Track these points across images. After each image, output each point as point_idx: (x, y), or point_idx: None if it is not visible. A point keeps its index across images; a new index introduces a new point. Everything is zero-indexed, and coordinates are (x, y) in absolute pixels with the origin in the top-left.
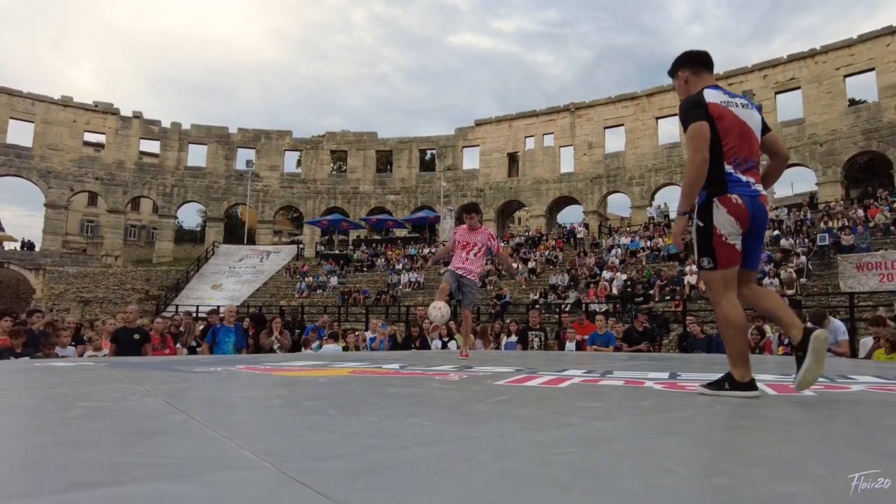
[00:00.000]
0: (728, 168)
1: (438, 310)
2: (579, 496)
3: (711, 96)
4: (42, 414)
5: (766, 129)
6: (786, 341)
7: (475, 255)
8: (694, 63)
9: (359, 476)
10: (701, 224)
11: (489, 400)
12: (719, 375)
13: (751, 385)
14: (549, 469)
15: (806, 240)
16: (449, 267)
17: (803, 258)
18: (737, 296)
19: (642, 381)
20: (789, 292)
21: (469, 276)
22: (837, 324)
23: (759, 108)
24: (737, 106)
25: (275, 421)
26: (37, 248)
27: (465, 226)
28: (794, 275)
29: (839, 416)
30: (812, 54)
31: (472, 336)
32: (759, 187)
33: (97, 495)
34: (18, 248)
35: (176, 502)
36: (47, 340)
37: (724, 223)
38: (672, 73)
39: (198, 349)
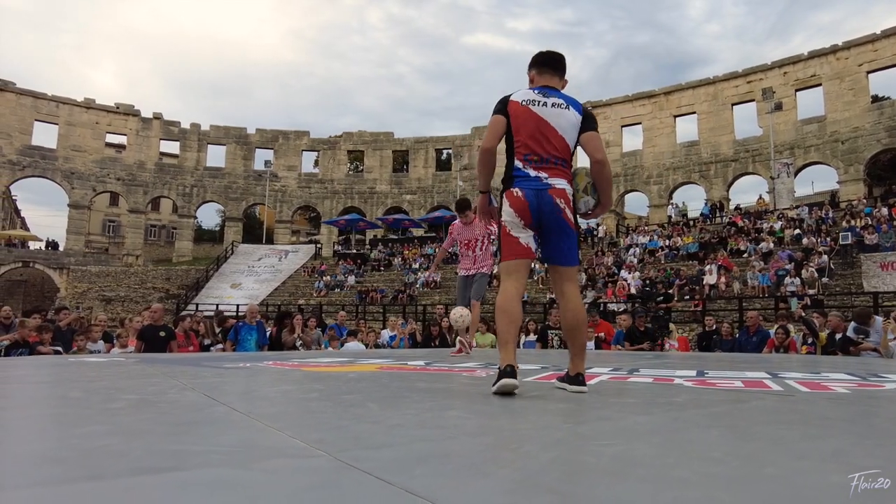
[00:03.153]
0: (518, 163)
1: (460, 316)
2: (634, 483)
3: (518, 95)
4: (89, 405)
5: (585, 129)
6: (809, 340)
7: (482, 249)
8: (538, 64)
9: (413, 464)
10: (501, 220)
11: (522, 395)
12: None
13: (505, 372)
14: (598, 459)
15: (828, 239)
16: (459, 271)
17: (825, 257)
18: (557, 297)
19: (671, 378)
20: (811, 291)
21: (481, 270)
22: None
23: (581, 109)
24: (542, 105)
25: (316, 413)
26: (60, 248)
27: (458, 222)
28: (816, 274)
29: (878, 413)
30: (834, 50)
31: (478, 330)
32: (555, 182)
33: (164, 479)
34: (43, 248)
35: (241, 486)
36: (77, 335)
37: (507, 215)
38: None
39: (211, 348)
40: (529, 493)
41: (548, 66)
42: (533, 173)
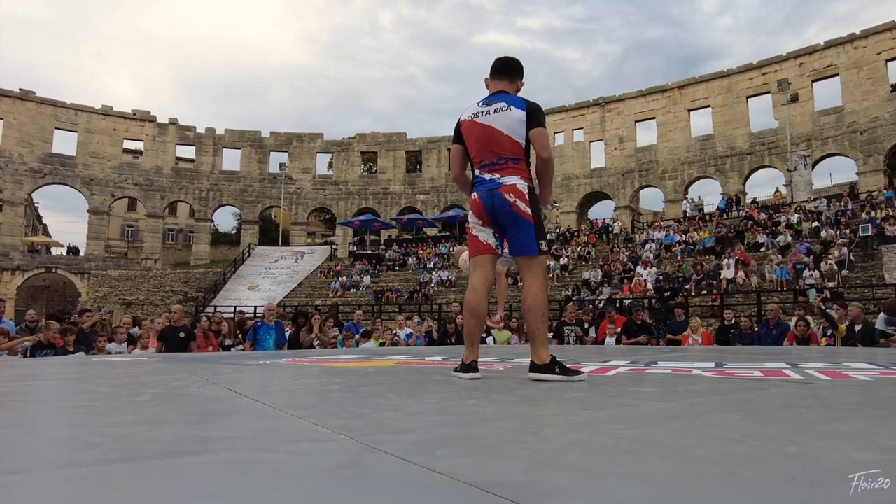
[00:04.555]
0: (476, 172)
1: (464, 261)
2: (655, 461)
3: (465, 113)
4: (116, 398)
5: (531, 125)
6: (829, 332)
7: None
8: (491, 72)
9: (435, 446)
10: (467, 223)
11: (540, 385)
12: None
13: (471, 367)
14: (618, 441)
15: (847, 231)
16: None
17: (845, 250)
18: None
19: (689, 369)
20: (830, 284)
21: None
22: None
23: (524, 106)
24: (486, 114)
25: (338, 403)
26: (81, 253)
27: None
28: (836, 266)
29: None
30: (851, 39)
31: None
32: (506, 180)
33: (195, 461)
34: (64, 254)
35: (267, 467)
36: (98, 336)
37: (470, 217)
38: None
39: (232, 348)
40: (550, 471)
41: (495, 72)
42: (488, 177)
